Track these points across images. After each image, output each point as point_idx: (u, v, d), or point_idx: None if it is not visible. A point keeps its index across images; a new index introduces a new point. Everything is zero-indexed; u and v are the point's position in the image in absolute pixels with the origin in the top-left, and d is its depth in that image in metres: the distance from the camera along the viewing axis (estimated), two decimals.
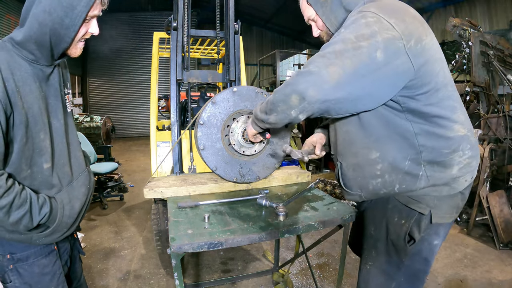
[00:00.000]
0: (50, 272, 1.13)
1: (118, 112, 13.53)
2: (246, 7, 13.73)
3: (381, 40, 0.93)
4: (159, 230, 2.73)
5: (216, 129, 1.64)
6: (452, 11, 9.18)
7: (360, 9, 1.04)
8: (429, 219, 1.12)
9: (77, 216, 1.17)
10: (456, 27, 3.60)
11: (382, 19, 0.96)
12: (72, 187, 1.15)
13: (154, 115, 3.24)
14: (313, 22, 1.27)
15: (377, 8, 1.01)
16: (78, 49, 1.08)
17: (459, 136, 1.06)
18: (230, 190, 1.75)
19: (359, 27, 0.96)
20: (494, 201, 3.07)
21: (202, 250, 1.17)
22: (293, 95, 0.98)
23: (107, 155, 5.22)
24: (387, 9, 1.01)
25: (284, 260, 2.68)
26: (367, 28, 0.94)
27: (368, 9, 1.01)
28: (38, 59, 1.01)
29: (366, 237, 1.30)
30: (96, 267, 2.80)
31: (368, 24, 0.95)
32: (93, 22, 1.06)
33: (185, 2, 2.10)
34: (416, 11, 1.07)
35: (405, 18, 0.99)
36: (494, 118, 3.47)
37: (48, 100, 1.08)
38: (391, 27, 0.94)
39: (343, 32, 0.99)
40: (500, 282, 2.45)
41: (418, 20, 1.03)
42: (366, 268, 1.27)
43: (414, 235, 1.14)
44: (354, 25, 0.98)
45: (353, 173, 1.21)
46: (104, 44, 13.50)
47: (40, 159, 1.04)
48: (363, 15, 0.99)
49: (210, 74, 2.29)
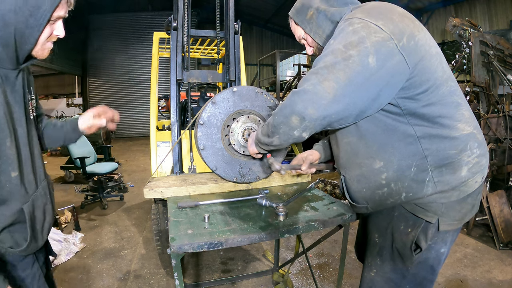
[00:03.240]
0: (30, 274, 1.11)
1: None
2: (246, 7, 13.75)
3: (371, 45, 0.91)
4: (159, 230, 2.73)
5: (216, 129, 1.64)
6: (452, 11, 9.18)
7: (346, 17, 1.04)
8: (437, 227, 1.08)
9: (43, 226, 1.13)
10: (456, 27, 3.60)
11: (369, 23, 0.94)
12: (37, 196, 1.11)
13: (154, 115, 3.23)
14: (304, 40, 1.29)
15: (362, 13, 1.00)
16: (45, 50, 1.04)
17: (464, 135, 1.02)
18: (230, 190, 1.75)
19: (347, 35, 0.95)
20: (494, 201, 3.07)
21: (202, 250, 1.17)
22: (292, 116, 0.97)
23: (107, 155, 5.22)
24: (373, 12, 0.99)
25: (284, 260, 2.68)
26: (355, 35, 0.93)
27: (354, 15, 1.00)
28: (2, 61, 0.98)
29: (370, 244, 1.27)
30: (96, 267, 2.80)
31: (356, 31, 0.94)
32: (58, 23, 1.02)
33: (185, 2, 2.10)
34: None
35: (393, 17, 0.97)
36: (494, 118, 3.47)
37: (13, 106, 1.03)
38: (379, 29, 0.93)
39: (332, 44, 0.98)
40: (500, 282, 2.45)
41: (408, 18, 1.01)
42: (371, 275, 1.24)
43: (421, 244, 1.10)
44: (342, 35, 0.97)
45: (358, 185, 1.18)
46: (104, 44, 13.53)
47: (8, 168, 0.99)
48: (349, 22, 0.98)
49: (210, 74, 2.29)
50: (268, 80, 10.56)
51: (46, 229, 1.16)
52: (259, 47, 15.74)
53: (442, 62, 1.04)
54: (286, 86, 6.93)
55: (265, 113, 1.68)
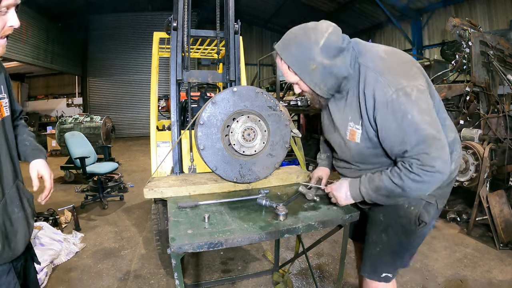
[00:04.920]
0: (4, 283, 1.06)
1: (118, 112, 13.53)
2: (246, 7, 13.74)
3: (429, 102, 1.14)
4: (159, 230, 2.73)
5: (216, 129, 1.64)
6: (452, 11, 9.17)
7: (385, 84, 1.12)
8: (436, 206, 1.35)
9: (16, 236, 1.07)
10: (456, 27, 3.60)
11: (418, 86, 1.12)
12: (3, 205, 1.03)
13: (154, 115, 3.23)
14: (296, 84, 1.32)
15: (398, 75, 1.13)
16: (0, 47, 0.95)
17: (451, 141, 1.26)
18: (230, 190, 1.75)
19: (416, 105, 1.09)
20: (494, 201, 3.07)
21: (202, 250, 1.17)
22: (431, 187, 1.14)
23: (107, 155, 5.21)
24: (403, 70, 1.16)
25: (284, 260, 2.68)
26: (422, 102, 1.10)
27: (397, 83, 1.11)
28: None
29: (374, 223, 1.43)
30: (96, 267, 2.80)
31: (418, 99, 1.10)
32: (10, 13, 0.91)
33: (185, 2, 2.10)
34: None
35: (413, 69, 1.19)
36: (494, 118, 3.46)
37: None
38: (423, 88, 1.14)
39: (410, 119, 1.08)
40: (500, 282, 2.45)
41: (411, 60, 1.24)
42: (376, 251, 1.40)
43: (425, 219, 1.34)
44: (410, 107, 1.09)
45: None
46: (104, 44, 13.53)
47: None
48: (404, 93, 1.10)
49: (210, 74, 2.29)
50: (268, 80, 10.55)
51: (21, 240, 1.10)
52: (259, 47, 15.72)
53: (430, 84, 1.25)
54: (286, 86, 6.92)
55: (265, 113, 1.68)
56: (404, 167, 1.13)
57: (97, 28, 13.46)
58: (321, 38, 1.16)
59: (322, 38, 1.16)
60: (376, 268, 1.41)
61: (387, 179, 1.18)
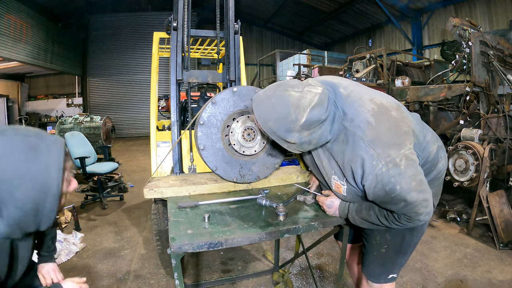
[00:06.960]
0: None
1: (118, 112, 13.54)
2: (246, 7, 13.75)
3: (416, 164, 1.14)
4: (159, 230, 2.73)
5: (216, 129, 1.64)
6: (452, 11, 9.18)
7: (375, 157, 1.10)
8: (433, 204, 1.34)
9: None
10: (456, 27, 3.60)
11: (406, 153, 1.11)
12: None
13: (154, 115, 3.23)
14: None
15: (383, 145, 1.11)
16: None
17: (434, 153, 1.31)
18: (230, 190, 1.75)
19: (406, 173, 1.10)
20: (494, 201, 3.07)
21: (202, 250, 1.17)
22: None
23: (107, 155, 5.21)
24: (390, 137, 1.12)
25: (284, 260, 2.68)
26: (412, 167, 1.11)
27: (383, 155, 1.09)
28: None
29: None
30: (96, 267, 2.80)
31: (408, 165, 1.10)
32: (72, 182, 0.98)
33: (185, 2, 2.10)
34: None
35: (403, 128, 1.16)
36: (494, 118, 3.46)
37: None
38: (413, 150, 1.14)
39: (401, 188, 1.09)
40: (500, 282, 2.45)
41: (403, 111, 1.23)
42: (381, 252, 1.42)
43: None
44: (400, 177, 1.10)
45: None
46: (104, 44, 13.54)
47: None
48: (394, 164, 1.09)
49: (210, 74, 2.29)
50: (268, 80, 10.55)
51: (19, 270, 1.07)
52: (259, 47, 15.74)
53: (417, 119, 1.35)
54: None
55: None
56: (393, 215, 1.20)
57: (97, 28, 13.47)
58: (303, 116, 1.08)
59: (303, 116, 1.08)
60: (383, 270, 1.43)
61: (374, 216, 1.25)
